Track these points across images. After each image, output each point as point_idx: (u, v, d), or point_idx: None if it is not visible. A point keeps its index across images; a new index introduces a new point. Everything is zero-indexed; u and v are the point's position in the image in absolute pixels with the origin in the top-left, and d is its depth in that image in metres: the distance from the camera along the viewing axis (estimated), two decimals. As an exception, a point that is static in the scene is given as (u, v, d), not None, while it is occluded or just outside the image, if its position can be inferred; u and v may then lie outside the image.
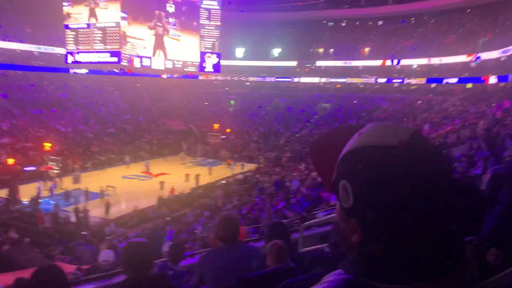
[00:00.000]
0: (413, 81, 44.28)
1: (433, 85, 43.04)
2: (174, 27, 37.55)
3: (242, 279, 2.86)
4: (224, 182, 28.11)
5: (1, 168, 26.26)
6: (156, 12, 35.49)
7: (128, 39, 32.13)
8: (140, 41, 33.48)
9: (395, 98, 43.81)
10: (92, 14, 31.07)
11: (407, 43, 47.22)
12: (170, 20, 36.90)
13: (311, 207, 12.67)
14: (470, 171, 8.65)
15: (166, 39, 36.71)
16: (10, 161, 26.52)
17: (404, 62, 45.70)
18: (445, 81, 40.93)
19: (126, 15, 31.49)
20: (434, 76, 42.53)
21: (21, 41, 39.57)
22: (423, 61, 43.99)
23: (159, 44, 36.11)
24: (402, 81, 45.05)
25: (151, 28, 35.09)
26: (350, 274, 0.77)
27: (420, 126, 30.04)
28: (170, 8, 36.79)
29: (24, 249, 14.85)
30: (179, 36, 38.22)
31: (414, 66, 46.01)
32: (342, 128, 0.90)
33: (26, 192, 22.56)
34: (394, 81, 45.92)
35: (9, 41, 38.57)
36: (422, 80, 43.22)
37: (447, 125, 29.96)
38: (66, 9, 31.94)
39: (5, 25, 39.75)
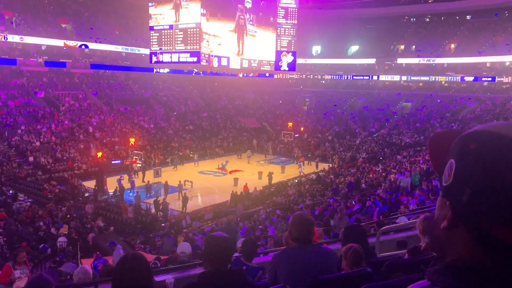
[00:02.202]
0: (505, 79, 40.78)
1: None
2: (251, 23, 38.12)
3: (316, 281, 2.75)
4: (297, 181, 27.96)
5: (91, 160, 28.47)
6: (240, 6, 36.30)
7: (204, 36, 33.10)
8: (215, 38, 34.34)
9: (483, 97, 40.65)
10: (175, 13, 32.51)
11: (499, 38, 43.56)
12: (247, 16, 37.51)
13: (389, 211, 12.13)
14: None
15: (244, 37, 37.38)
16: (99, 154, 28.59)
17: (495, 59, 42.24)
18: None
19: (204, 11, 32.47)
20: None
21: (110, 43, 42.61)
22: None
23: (240, 38, 36.93)
24: (493, 79, 41.67)
25: (235, 21, 35.86)
26: (436, 286, 0.73)
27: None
28: (248, 3, 37.38)
29: (109, 236, 15.97)
30: (256, 32, 38.66)
31: (507, 63, 42.33)
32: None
33: (113, 184, 24.22)
34: (483, 79, 42.64)
35: (100, 42, 41.69)
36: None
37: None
38: (151, 10, 33.72)
39: (97, 28, 43.13)
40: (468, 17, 48.75)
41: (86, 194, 23.96)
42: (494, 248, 0.69)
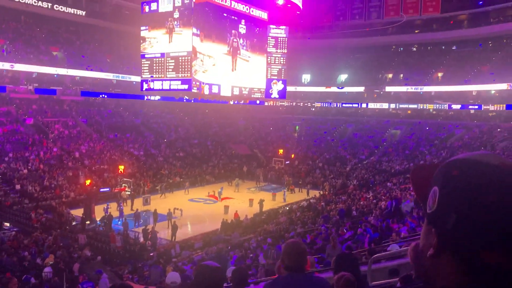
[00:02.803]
0: (491, 107, 41.60)
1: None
2: (244, 48, 38.80)
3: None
4: (288, 208, 27.79)
5: (79, 188, 28.09)
6: (233, 31, 37.04)
7: (199, 55, 33.50)
8: (210, 59, 34.80)
9: (471, 125, 41.32)
10: (169, 37, 32.96)
11: (484, 68, 44.69)
12: (241, 41, 38.22)
13: (380, 239, 12.05)
14: None
15: (237, 60, 38.00)
16: (87, 182, 28.23)
17: (481, 87, 43.22)
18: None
19: (198, 32, 32.97)
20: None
21: (102, 70, 42.84)
22: (503, 86, 41.28)
23: (233, 61, 37.53)
24: (479, 107, 42.49)
25: (228, 45, 36.54)
26: None
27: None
28: (242, 29, 38.13)
29: (96, 266, 15.58)
30: (249, 57, 39.31)
31: (493, 92, 43.29)
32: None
33: (101, 212, 23.83)
34: (470, 107, 43.46)
35: (92, 70, 41.90)
36: (502, 107, 40.46)
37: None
38: (143, 33, 34.13)
39: (89, 55, 43.42)
40: (453, 47, 50.09)
41: (74, 223, 23.50)
42: (483, 273, 0.68)
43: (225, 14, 36.45)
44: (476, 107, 42.82)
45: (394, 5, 49.87)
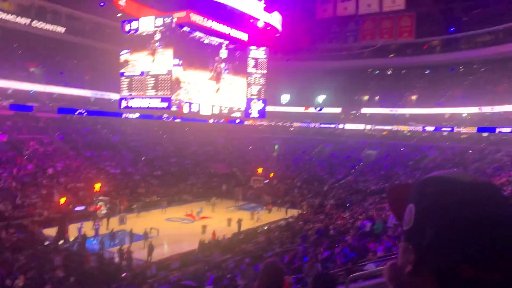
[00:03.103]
0: (463, 129, 42.91)
1: (485, 134, 41.43)
2: (227, 71, 39.46)
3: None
4: (266, 228, 27.77)
5: (53, 207, 27.42)
6: (216, 58, 37.70)
7: (182, 85, 33.82)
8: (194, 86, 35.23)
9: (444, 146, 42.45)
10: (152, 57, 33.15)
11: (457, 91, 46.23)
12: (222, 65, 38.84)
13: (357, 258, 12.20)
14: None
15: (221, 84, 38.63)
16: (62, 200, 27.60)
17: (453, 110, 44.61)
18: (498, 130, 39.35)
19: (180, 62, 33.27)
20: (486, 125, 41.02)
21: (80, 87, 42.34)
22: (474, 109, 42.74)
23: (218, 84, 38.21)
24: (452, 130, 43.77)
25: (210, 71, 37.21)
26: None
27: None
28: (223, 54, 38.78)
29: None
30: (233, 81, 40.05)
31: (464, 115, 44.73)
32: None
33: (75, 232, 23.27)
34: (443, 129, 44.71)
35: (69, 87, 41.39)
36: (473, 129, 41.79)
37: (502, 176, 28.47)
38: (124, 57, 34.14)
39: (67, 72, 42.94)
40: (427, 71, 51.71)
41: (46, 243, 22.86)
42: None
43: (206, 41, 37.08)
44: (449, 129, 44.06)
45: (370, 30, 51.35)
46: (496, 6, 42.74)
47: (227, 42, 39.33)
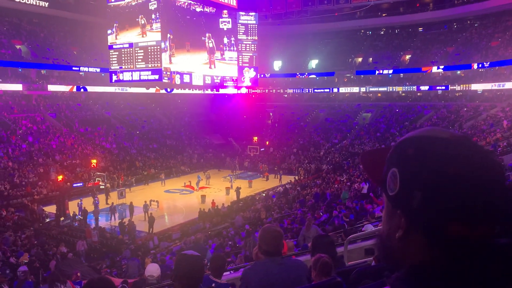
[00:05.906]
0: (457, 87, 42.75)
1: (480, 90, 41.32)
2: (226, 48, 39.34)
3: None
4: (264, 195, 28.04)
5: (51, 184, 27.46)
6: (207, 34, 37.19)
7: (173, 59, 33.44)
8: (184, 57, 34.85)
9: (439, 105, 42.41)
10: (138, 31, 32.63)
11: (450, 49, 45.78)
12: (213, 41, 38.45)
13: (355, 220, 12.35)
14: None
15: (215, 60, 38.48)
16: (59, 178, 27.61)
17: (447, 68, 44.30)
18: (493, 86, 39.22)
19: (170, 32, 32.73)
20: (481, 82, 40.88)
21: (68, 63, 41.55)
22: (468, 66, 42.44)
23: (210, 64, 37.95)
24: (446, 88, 43.59)
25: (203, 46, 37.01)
26: None
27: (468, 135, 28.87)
28: (213, 26, 38.29)
29: (73, 262, 15.36)
30: (229, 57, 39.84)
31: (458, 72, 44.45)
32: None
33: (74, 208, 23.41)
34: (437, 88, 44.52)
35: (58, 63, 40.58)
36: (468, 86, 41.63)
37: (497, 132, 28.63)
38: (112, 30, 33.51)
39: (54, 48, 42.03)
40: (420, 29, 50.99)
41: (47, 220, 23.03)
42: (451, 245, 0.69)
43: (198, 9, 36.33)
44: (443, 87, 43.89)
45: (362, -12, 50.14)
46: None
47: (215, 9, 38.50)
